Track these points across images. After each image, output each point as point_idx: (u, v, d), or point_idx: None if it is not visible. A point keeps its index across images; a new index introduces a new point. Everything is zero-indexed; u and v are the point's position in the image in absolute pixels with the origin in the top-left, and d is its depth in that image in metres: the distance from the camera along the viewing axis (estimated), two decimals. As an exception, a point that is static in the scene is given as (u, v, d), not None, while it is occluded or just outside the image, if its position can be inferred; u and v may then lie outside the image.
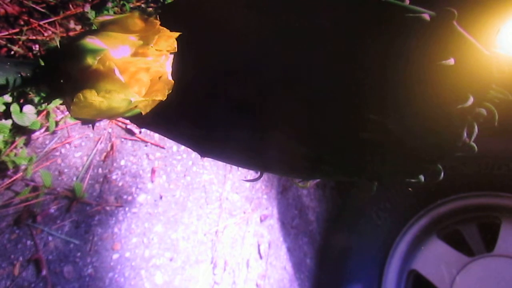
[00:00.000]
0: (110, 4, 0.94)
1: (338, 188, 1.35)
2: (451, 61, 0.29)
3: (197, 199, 1.08)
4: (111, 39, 0.29)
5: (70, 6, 0.93)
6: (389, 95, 0.31)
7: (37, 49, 0.89)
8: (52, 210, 0.87)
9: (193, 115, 0.40)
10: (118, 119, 0.98)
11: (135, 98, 0.29)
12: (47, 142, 0.89)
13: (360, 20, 0.32)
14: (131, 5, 0.99)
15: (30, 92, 0.84)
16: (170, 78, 0.31)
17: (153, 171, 1.02)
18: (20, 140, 0.84)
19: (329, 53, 0.33)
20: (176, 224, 1.03)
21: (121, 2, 0.97)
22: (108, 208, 0.94)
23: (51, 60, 0.30)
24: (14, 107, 0.81)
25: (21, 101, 0.84)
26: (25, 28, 0.87)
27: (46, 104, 0.79)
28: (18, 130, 0.84)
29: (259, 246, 1.17)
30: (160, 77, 0.31)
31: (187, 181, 1.07)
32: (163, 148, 1.05)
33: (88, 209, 0.91)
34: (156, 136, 1.04)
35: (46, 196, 0.87)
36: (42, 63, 0.30)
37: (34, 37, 0.89)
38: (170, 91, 0.32)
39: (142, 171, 1.01)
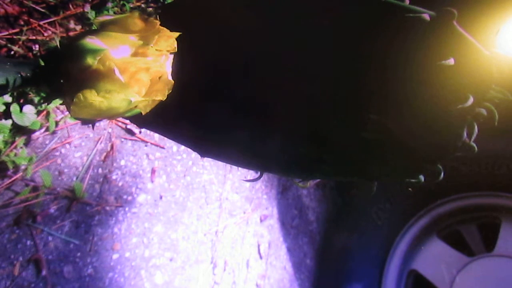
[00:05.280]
0: (110, 4, 0.94)
1: (338, 188, 1.35)
2: (451, 61, 0.29)
3: (197, 199, 1.08)
4: (111, 39, 0.29)
5: (70, 6, 0.93)
6: (389, 95, 0.31)
7: (37, 49, 0.89)
8: (52, 210, 0.87)
9: (193, 115, 0.40)
10: (118, 119, 0.98)
11: (135, 98, 0.29)
12: (47, 142, 0.89)
13: (360, 20, 0.32)
14: (131, 5, 0.99)
15: (30, 92, 0.84)
16: (170, 78, 0.31)
17: (153, 171, 1.02)
18: (20, 140, 0.84)
19: (329, 53, 0.33)
20: (176, 224, 1.03)
21: (121, 2, 0.97)
22: (108, 208, 0.94)
23: (51, 60, 0.30)
24: (14, 107, 0.81)
25: (21, 101, 0.84)
26: (25, 28, 0.87)
27: (46, 104, 0.79)
28: (18, 130, 0.84)
29: (259, 246, 1.17)
30: (160, 77, 0.31)
31: (187, 181, 1.07)
32: (163, 148, 1.05)
33: (88, 209, 0.91)
34: (156, 136, 1.04)
35: (46, 196, 0.87)
36: (42, 63, 0.30)
37: (34, 37, 0.89)
38: (170, 91, 0.32)
39: (142, 171, 1.01)
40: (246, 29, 0.36)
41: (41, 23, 0.89)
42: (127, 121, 0.97)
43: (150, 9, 1.03)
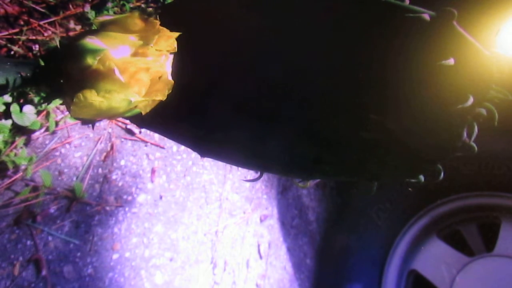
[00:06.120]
0: (110, 4, 0.94)
1: (338, 188, 1.35)
2: (451, 61, 0.29)
3: (197, 199, 1.08)
4: (111, 39, 0.29)
5: (70, 6, 0.93)
6: (389, 95, 0.31)
7: (37, 49, 0.89)
8: (52, 210, 0.87)
9: (193, 115, 0.40)
10: (118, 119, 0.98)
11: (135, 98, 0.29)
12: (47, 142, 0.89)
13: (360, 20, 0.32)
14: (131, 5, 0.99)
15: (30, 92, 0.84)
16: (170, 78, 0.31)
17: (153, 171, 1.02)
18: (20, 140, 0.84)
19: (329, 53, 0.33)
20: (176, 224, 1.03)
21: (121, 2, 0.97)
22: (108, 208, 0.94)
23: (51, 60, 0.30)
24: (14, 107, 0.81)
25: (21, 101, 0.84)
26: (25, 28, 0.87)
27: (46, 104, 0.79)
28: (18, 130, 0.84)
29: (259, 246, 1.17)
30: (160, 77, 0.31)
31: (187, 181, 1.07)
32: (163, 148, 1.05)
33: (88, 209, 0.91)
34: (156, 136, 1.04)
35: (46, 196, 0.87)
36: (42, 63, 0.30)
37: (34, 37, 0.89)
38: (170, 91, 0.32)
39: (142, 171, 1.00)
40: (246, 29, 0.36)
41: (41, 23, 0.89)
42: (127, 121, 0.97)
43: (150, 9, 1.03)
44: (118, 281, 0.93)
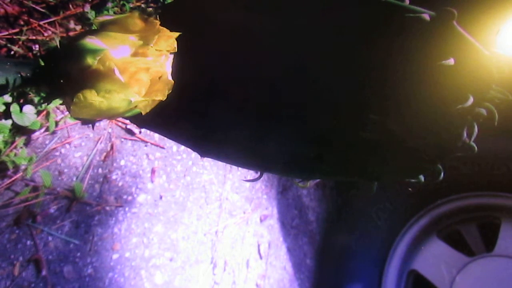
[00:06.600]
0: (110, 4, 0.94)
1: (338, 188, 1.35)
2: (451, 61, 0.29)
3: (197, 199, 1.08)
4: (111, 39, 0.29)
5: (70, 6, 0.93)
6: (389, 95, 0.31)
7: (37, 49, 0.89)
8: (52, 210, 0.87)
9: (193, 115, 0.40)
10: (118, 119, 0.98)
11: (135, 98, 0.29)
12: (47, 142, 0.89)
13: (361, 21, 0.32)
14: (131, 5, 0.99)
15: (30, 92, 0.84)
16: (170, 78, 0.31)
17: (153, 171, 1.02)
18: (20, 140, 0.84)
19: (330, 53, 0.33)
20: (176, 224, 1.03)
21: (121, 2, 0.97)
22: (108, 208, 0.94)
23: (51, 60, 0.30)
24: (14, 107, 0.81)
25: (21, 101, 0.84)
26: (25, 28, 0.87)
27: (46, 104, 0.79)
28: (18, 130, 0.84)
29: (259, 246, 1.17)
30: (160, 77, 0.31)
31: (187, 181, 1.07)
32: (163, 148, 1.05)
33: (88, 209, 0.91)
34: (156, 136, 1.04)
35: (46, 196, 0.87)
36: (42, 63, 0.30)
37: (34, 37, 0.89)
38: (170, 91, 0.32)
39: (142, 171, 1.00)
40: (246, 29, 0.36)
41: (41, 23, 0.89)
42: (127, 121, 0.97)
43: (150, 9, 1.03)
44: (118, 281, 0.93)
